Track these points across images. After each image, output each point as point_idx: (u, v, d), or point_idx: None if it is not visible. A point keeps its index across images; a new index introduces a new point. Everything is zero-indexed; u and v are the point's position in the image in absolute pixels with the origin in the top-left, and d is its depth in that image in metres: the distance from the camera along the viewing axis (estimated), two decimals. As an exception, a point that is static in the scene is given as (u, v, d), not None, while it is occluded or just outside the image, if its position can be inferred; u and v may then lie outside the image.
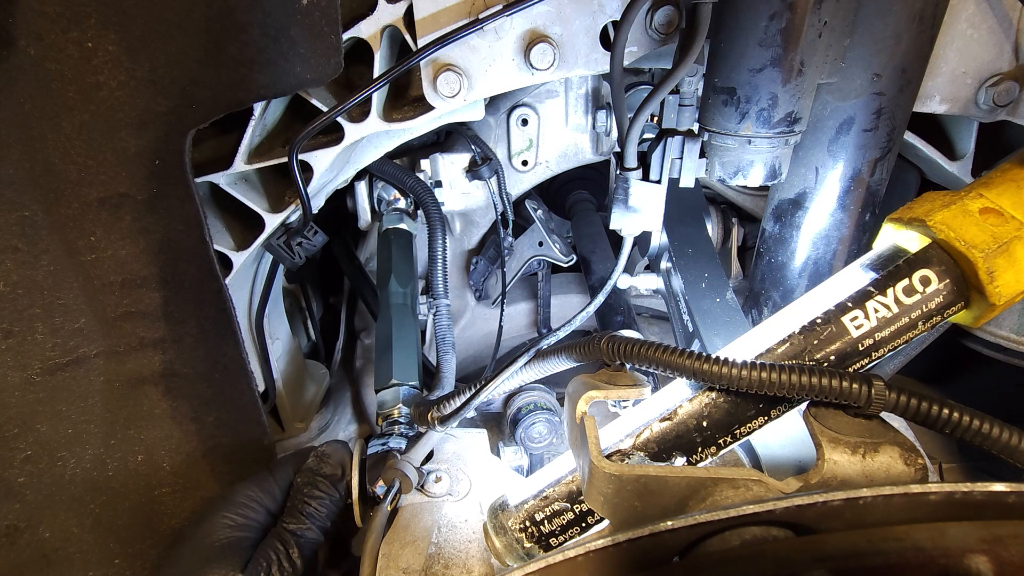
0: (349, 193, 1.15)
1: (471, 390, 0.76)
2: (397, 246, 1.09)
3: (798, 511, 0.38)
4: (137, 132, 0.70)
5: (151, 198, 0.73)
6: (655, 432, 0.57)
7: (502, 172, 1.16)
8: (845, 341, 0.54)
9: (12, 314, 0.72)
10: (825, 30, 0.68)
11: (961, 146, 0.95)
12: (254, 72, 0.70)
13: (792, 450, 0.70)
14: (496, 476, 0.81)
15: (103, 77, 0.67)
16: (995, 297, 0.52)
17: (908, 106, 0.78)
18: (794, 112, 0.71)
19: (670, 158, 0.78)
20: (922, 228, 0.56)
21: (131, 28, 0.66)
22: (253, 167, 0.84)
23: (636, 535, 0.39)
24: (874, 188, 0.83)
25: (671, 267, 1.06)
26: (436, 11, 0.75)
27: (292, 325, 1.25)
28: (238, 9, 0.66)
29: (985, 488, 0.37)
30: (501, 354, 1.28)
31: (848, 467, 0.47)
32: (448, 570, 0.67)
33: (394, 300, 1.03)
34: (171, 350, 0.80)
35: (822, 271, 0.89)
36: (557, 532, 0.60)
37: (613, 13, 0.76)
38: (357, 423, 1.31)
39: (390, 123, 0.84)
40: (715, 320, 0.93)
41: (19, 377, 0.74)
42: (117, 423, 0.80)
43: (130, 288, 0.76)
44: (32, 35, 0.64)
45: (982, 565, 0.31)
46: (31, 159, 0.68)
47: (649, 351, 0.55)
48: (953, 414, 0.45)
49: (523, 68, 0.80)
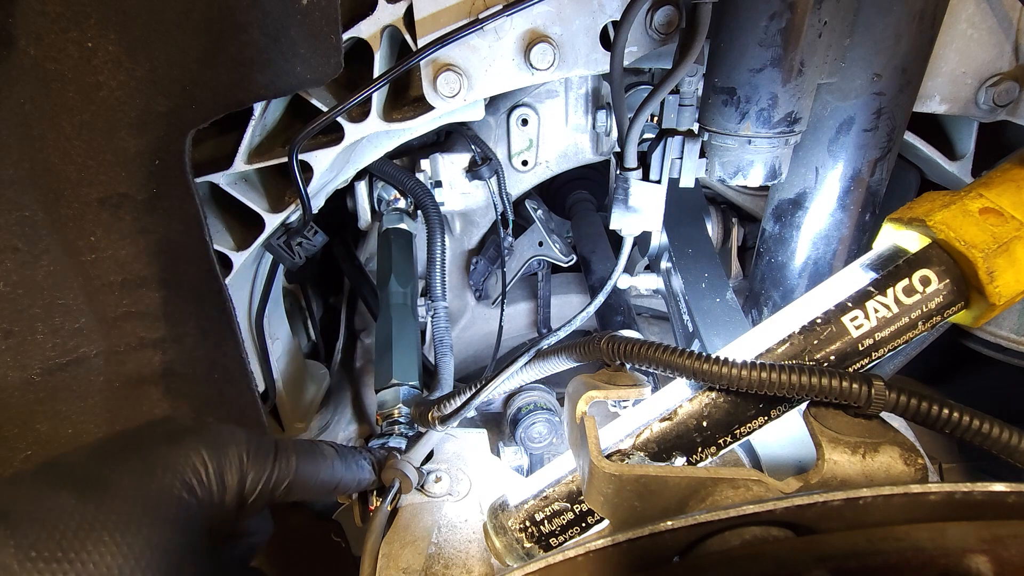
0: (349, 193, 1.15)
1: (471, 390, 0.76)
2: (397, 246, 1.09)
3: (798, 511, 0.38)
4: (137, 132, 0.70)
5: (151, 198, 0.73)
6: (655, 432, 0.57)
7: (502, 172, 1.16)
8: (845, 341, 0.54)
9: (12, 314, 0.72)
10: (825, 30, 0.68)
11: (961, 146, 0.95)
12: (254, 72, 0.70)
13: (792, 450, 0.70)
14: (496, 476, 0.81)
15: (103, 77, 0.67)
16: (995, 297, 0.52)
17: (908, 106, 0.78)
18: (794, 112, 0.71)
19: (670, 158, 0.78)
20: (922, 228, 0.56)
21: (131, 28, 0.66)
22: (253, 167, 0.84)
23: (636, 535, 0.39)
24: (874, 188, 0.83)
25: (671, 267, 1.06)
26: (436, 11, 0.75)
27: (292, 325, 1.25)
28: (238, 9, 0.66)
29: (985, 488, 0.37)
30: (501, 354, 1.28)
31: (848, 467, 0.47)
32: (448, 570, 0.67)
33: (394, 300, 1.03)
34: (171, 350, 0.80)
35: (822, 271, 0.89)
36: (557, 532, 0.60)
37: (613, 13, 0.76)
38: (357, 423, 1.31)
39: (390, 123, 0.84)
40: (715, 320, 0.93)
41: (19, 377, 0.74)
42: (117, 423, 0.80)
43: (130, 288, 0.76)
44: (32, 35, 0.64)
45: (982, 565, 0.31)
46: (31, 159, 0.68)
47: (649, 351, 0.55)
48: (953, 414, 0.45)
49: (523, 68, 0.80)
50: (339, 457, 0.68)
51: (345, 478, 0.68)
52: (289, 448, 0.61)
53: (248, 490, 0.55)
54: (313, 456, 0.63)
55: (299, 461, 0.61)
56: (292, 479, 0.59)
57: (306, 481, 0.61)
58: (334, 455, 0.67)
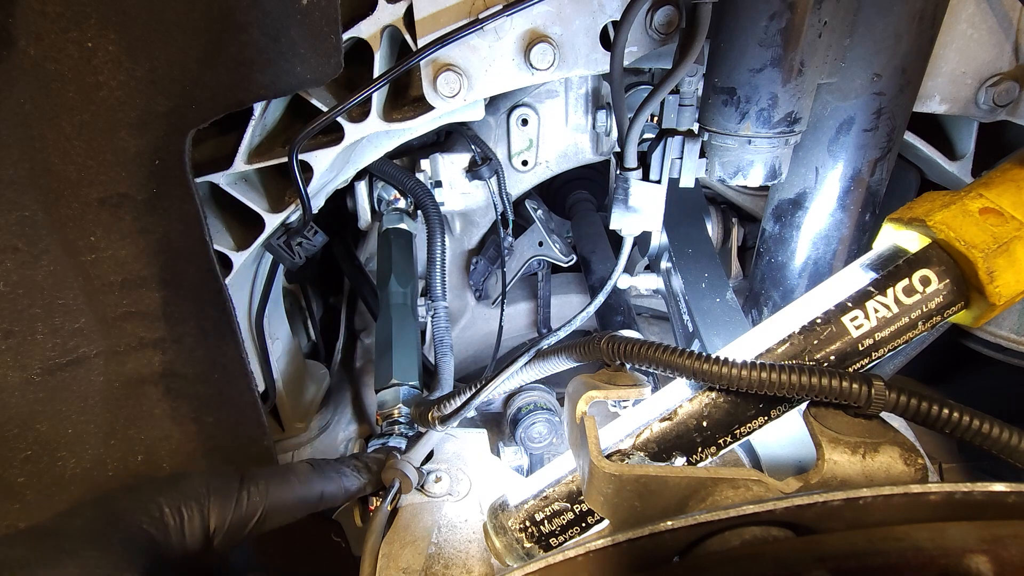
0: (349, 193, 1.15)
1: (471, 390, 0.76)
2: (397, 246, 1.09)
3: (798, 511, 0.38)
4: (137, 132, 0.70)
5: (151, 198, 0.73)
6: (655, 432, 0.57)
7: (502, 172, 1.16)
8: (845, 341, 0.54)
9: (12, 314, 0.72)
10: (825, 30, 0.68)
11: (961, 146, 0.95)
12: (254, 72, 0.70)
13: (792, 450, 0.70)
14: (496, 476, 0.81)
15: (103, 77, 0.67)
16: (995, 297, 0.52)
17: (908, 106, 0.78)
18: (794, 112, 0.71)
19: (670, 158, 0.78)
20: (922, 228, 0.56)
21: (131, 28, 0.65)
22: (253, 167, 0.84)
23: (636, 535, 0.39)
24: (874, 188, 0.83)
25: (671, 267, 1.06)
26: (436, 11, 0.75)
27: (292, 325, 1.24)
28: (238, 9, 0.66)
29: (985, 488, 0.37)
30: (501, 354, 1.28)
31: (848, 467, 0.47)
32: (448, 570, 0.67)
33: (394, 300, 1.03)
34: (171, 350, 0.80)
35: (822, 271, 0.89)
36: (557, 532, 0.60)
37: (613, 13, 0.76)
38: (357, 423, 1.31)
39: (390, 123, 0.84)
40: (715, 320, 0.93)
41: (19, 377, 0.74)
42: (117, 423, 0.80)
43: (130, 288, 0.76)
44: (32, 35, 0.64)
45: (982, 565, 0.31)
46: (31, 159, 0.68)
47: (649, 351, 0.55)
48: (953, 414, 0.45)
49: (523, 68, 0.80)
50: (315, 472, 0.68)
51: (327, 491, 0.68)
52: (257, 476, 0.61)
53: (215, 525, 0.56)
54: (285, 478, 0.63)
55: (270, 487, 0.60)
56: (266, 507, 0.59)
57: (283, 504, 0.61)
58: (309, 470, 0.67)
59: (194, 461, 0.85)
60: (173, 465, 0.84)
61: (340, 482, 0.70)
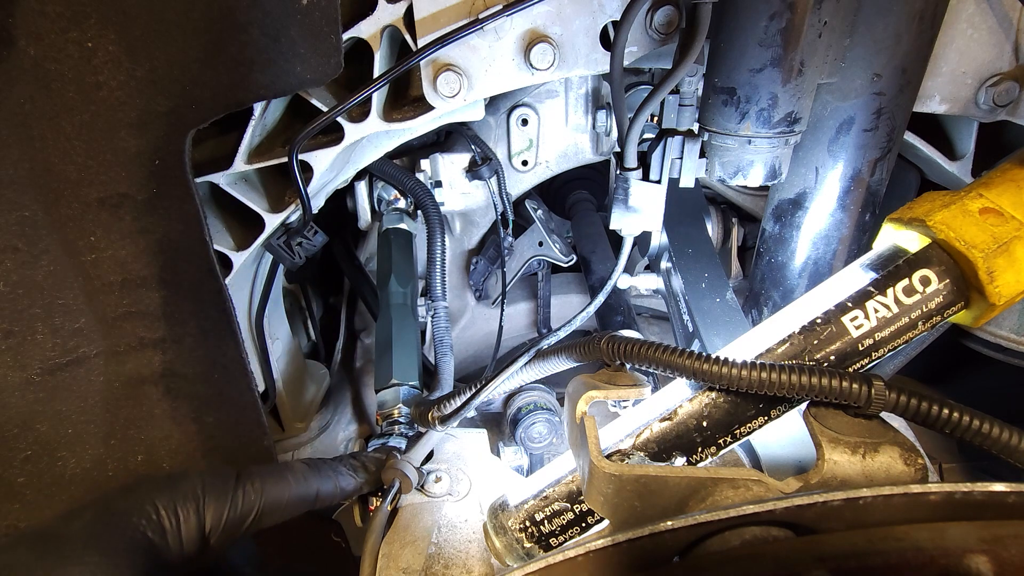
0: (349, 193, 1.15)
1: (471, 390, 0.76)
2: (397, 246, 1.09)
3: (798, 511, 0.38)
4: (137, 132, 0.70)
5: (151, 198, 0.73)
6: (655, 432, 0.57)
7: (502, 172, 1.16)
8: (845, 341, 0.54)
9: (12, 314, 0.72)
10: (825, 30, 0.68)
11: (961, 146, 0.95)
12: (254, 72, 0.70)
13: (792, 450, 0.70)
14: (496, 476, 0.81)
15: (103, 77, 0.67)
16: (995, 297, 0.52)
17: (908, 106, 0.78)
18: (794, 112, 0.71)
19: (670, 158, 0.78)
20: (922, 228, 0.56)
21: (131, 28, 0.66)
22: (253, 167, 0.84)
23: (636, 535, 0.39)
24: (874, 188, 0.83)
25: (671, 267, 1.06)
26: (436, 11, 0.75)
27: (292, 325, 1.24)
28: (238, 9, 0.66)
29: (985, 488, 0.37)
30: (501, 354, 1.28)
31: (848, 467, 0.47)
32: (448, 570, 0.67)
33: (394, 300, 1.03)
34: (171, 350, 0.80)
35: (822, 271, 0.89)
36: (557, 532, 0.60)
37: (613, 13, 0.76)
38: (357, 423, 1.31)
39: (390, 123, 0.84)
40: (715, 320, 0.93)
41: (19, 377, 0.74)
42: (117, 423, 0.80)
43: (130, 288, 0.76)
44: (32, 35, 0.64)
45: (982, 565, 0.31)
46: (31, 159, 0.68)
47: (649, 351, 0.55)
48: (953, 414, 0.45)
49: (523, 68, 0.80)
50: (312, 470, 0.68)
51: (323, 489, 0.68)
52: (253, 474, 0.61)
53: (211, 524, 0.56)
54: (281, 476, 0.64)
55: (266, 485, 0.61)
56: (262, 505, 0.60)
57: (279, 502, 0.62)
58: (305, 470, 0.67)
59: (194, 461, 0.85)
60: (173, 465, 0.84)
61: (337, 481, 0.70)
